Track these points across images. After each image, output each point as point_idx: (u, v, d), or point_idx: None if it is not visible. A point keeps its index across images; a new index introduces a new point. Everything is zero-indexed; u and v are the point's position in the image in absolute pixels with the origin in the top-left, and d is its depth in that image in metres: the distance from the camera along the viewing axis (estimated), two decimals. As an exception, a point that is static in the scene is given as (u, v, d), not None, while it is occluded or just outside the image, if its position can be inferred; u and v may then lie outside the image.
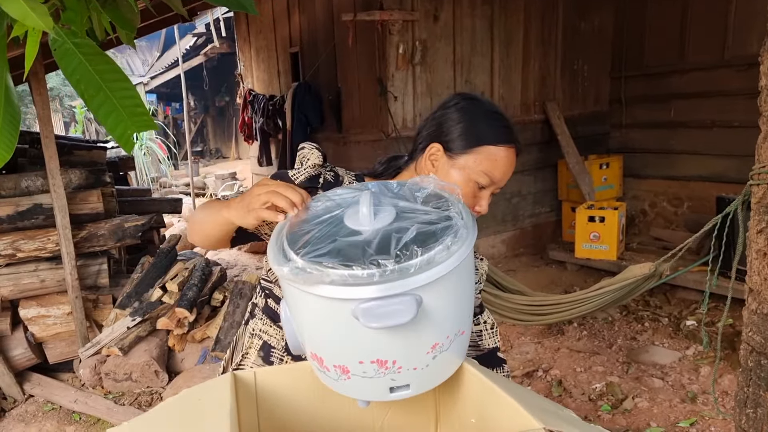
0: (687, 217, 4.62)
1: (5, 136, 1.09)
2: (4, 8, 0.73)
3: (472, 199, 1.08)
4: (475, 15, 4.12)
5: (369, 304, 0.67)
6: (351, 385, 0.77)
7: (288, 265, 0.72)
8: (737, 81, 4.19)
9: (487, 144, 1.06)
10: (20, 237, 3.20)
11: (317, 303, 0.71)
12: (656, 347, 3.14)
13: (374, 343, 0.71)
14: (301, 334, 0.80)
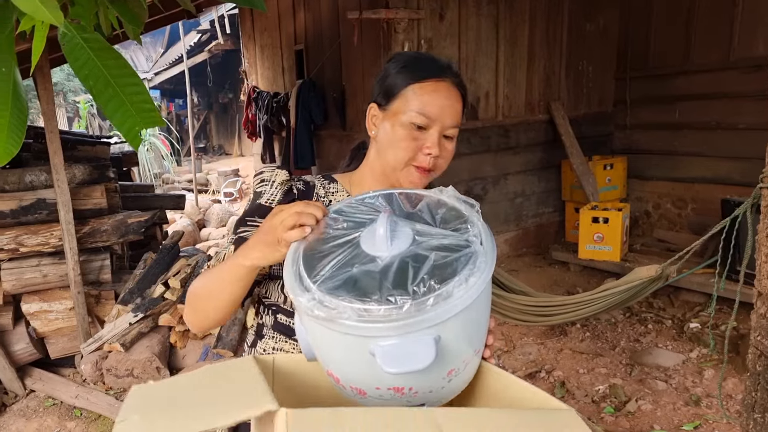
0: (691, 219, 4.61)
1: (13, 131, 1.09)
2: (16, 3, 0.72)
3: (414, 143, 1.02)
4: (481, 14, 4.10)
5: (387, 346, 0.66)
6: (367, 402, 0.77)
7: (305, 296, 0.71)
8: (743, 83, 4.18)
9: (411, 83, 1.02)
10: (23, 232, 3.19)
11: (333, 335, 0.71)
12: (660, 349, 3.13)
13: (391, 376, 0.70)
14: (317, 354, 0.79)
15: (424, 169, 1.03)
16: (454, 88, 1.04)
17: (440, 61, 1.07)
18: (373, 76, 4.08)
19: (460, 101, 1.06)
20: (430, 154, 1.01)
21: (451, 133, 1.05)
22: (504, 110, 4.43)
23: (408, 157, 1.02)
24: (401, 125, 1.02)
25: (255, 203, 1.06)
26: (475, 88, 4.25)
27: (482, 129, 4.31)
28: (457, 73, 1.07)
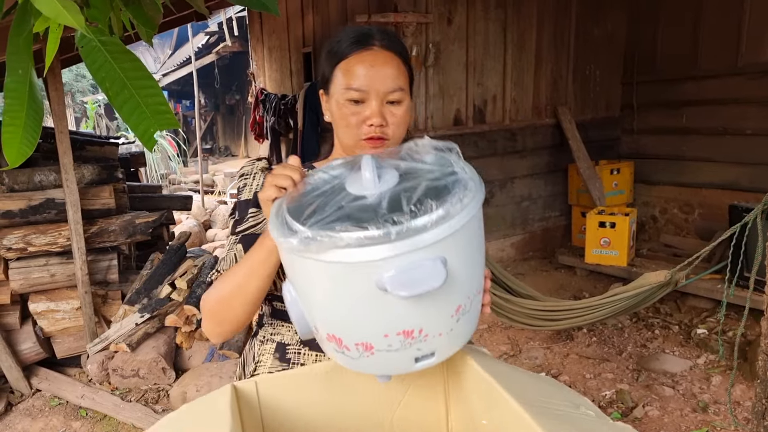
0: (698, 224, 4.59)
1: (28, 132, 1.10)
2: (38, 6, 0.73)
3: (356, 118, 1.01)
4: (489, 18, 4.11)
5: (396, 271, 0.63)
6: (374, 361, 0.73)
7: (296, 237, 0.68)
8: (751, 89, 4.17)
9: (337, 64, 1.03)
10: (32, 231, 3.21)
11: (334, 273, 0.67)
12: (667, 355, 3.12)
13: (401, 313, 0.68)
14: (313, 316, 0.76)
15: (375, 140, 1.02)
16: (382, 52, 1.03)
17: (360, 31, 1.05)
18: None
19: (395, 61, 1.03)
20: (372, 125, 1.01)
21: (396, 97, 1.02)
22: (511, 114, 4.43)
23: (355, 134, 1.03)
24: (340, 105, 1.03)
25: (244, 200, 1.07)
26: (482, 91, 4.25)
27: (489, 132, 4.31)
28: (384, 36, 1.04)
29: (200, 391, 2.88)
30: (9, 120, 1.07)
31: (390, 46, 1.04)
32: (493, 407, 0.80)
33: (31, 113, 1.09)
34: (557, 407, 0.78)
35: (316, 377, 0.91)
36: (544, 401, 0.79)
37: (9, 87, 1.06)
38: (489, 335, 3.47)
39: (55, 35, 0.99)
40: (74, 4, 0.74)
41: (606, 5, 4.75)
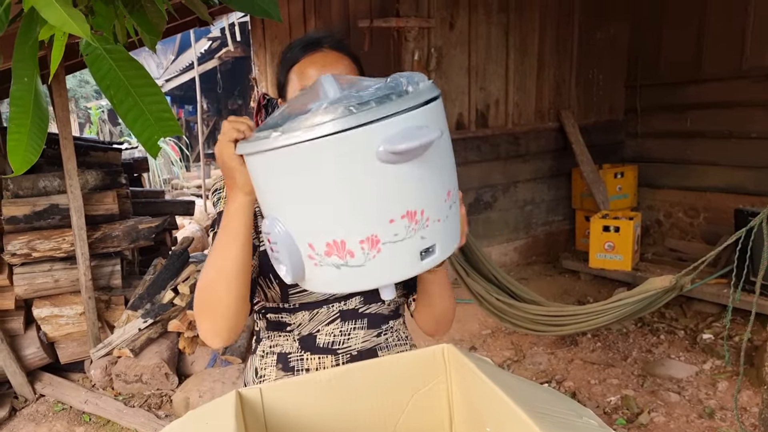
0: (703, 228, 4.57)
1: (33, 140, 1.10)
2: (44, 15, 0.73)
3: None
4: (491, 23, 4.11)
5: (393, 131, 0.64)
6: (380, 262, 0.71)
7: (277, 133, 0.67)
8: (755, 92, 4.15)
9: (291, 67, 1.07)
10: (36, 237, 3.22)
11: (333, 156, 0.65)
12: (672, 360, 3.10)
13: (402, 189, 0.68)
14: (309, 230, 0.72)
15: None
16: (331, 53, 1.06)
17: (311, 36, 1.10)
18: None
19: (345, 61, 1.07)
20: None
21: None
22: (514, 118, 4.43)
23: None
24: None
25: (219, 210, 1.08)
26: (485, 96, 4.25)
27: (492, 137, 4.30)
28: (333, 39, 1.08)
29: (203, 396, 2.88)
30: (14, 127, 1.08)
31: (339, 48, 1.08)
32: (498, 414, 0.79)
33: (36, 121, 1.09)
34: (560, 415, 0.77)
35: (320, 384, 0.90)
36: (548, 409, 0.78)
37: (15, 95, 1.06)
38: (492, 341, 3.46)
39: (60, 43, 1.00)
40: (80, 12, 0.74)
41: (609, 9, 4.74)
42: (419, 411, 0.94)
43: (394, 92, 0.67)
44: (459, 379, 0.93)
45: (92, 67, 0.97)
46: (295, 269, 0.75)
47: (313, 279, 0.76)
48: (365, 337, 1.10)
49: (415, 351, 0.95)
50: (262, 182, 0.76)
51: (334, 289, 0.79)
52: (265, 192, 0.76)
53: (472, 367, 0.87)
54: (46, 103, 1.11)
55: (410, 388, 0.94)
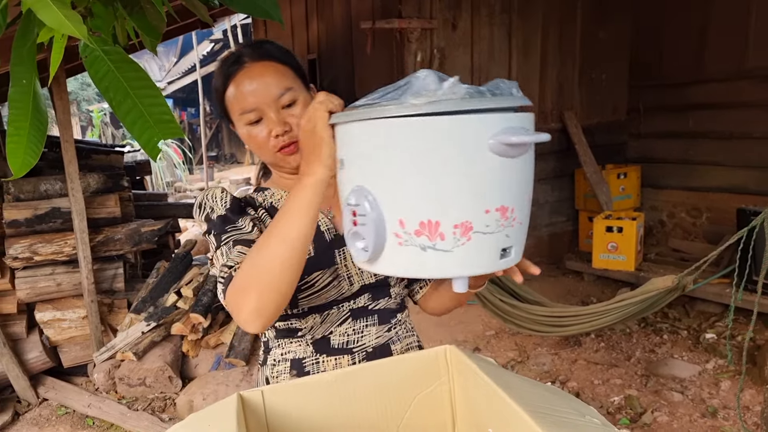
0: (706, 228, 4.55)
1: (32, 143, 1.10)
2: (41, 17, 0.73)
3: (261, 136, 1.02)
4: (494, 23, 4.11)
5: (506, 125, 0.67)
6: (467, 251, 0.71)
7: (394, 102, 0.68)
8: (757, 92, 4.14)
9: (223, 95, 1.05)
10: (38, 240, 3.23)
11: (448, 135, 0.67)
12: (675, 360, 3.09)
13: (501, 182, 0.70)
14: (404, 205, 0.71)
15: (286, 147, 1.02)
16: (255, 64, 1.02)
17: (230, 57, 1.06)
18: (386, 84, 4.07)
19: (271, 67, 1.02)
20: (277, 135, 1.01)
21: (287, 99, 1.01)
22: (516, 119, 4.42)
23: (268, 151, 1.04)
24: (244, 134, 1.05)
25: (218, 215, 1.02)
26: (487, 96, 4.24)
27: (494, 137, 4.29)
28: (253, 49, 1.04)
29: (207, 399, 2.87)
30: (13, 130, 1.07)
31: (261, 56, 1.03)
32: (500, 415, 0.79)
33: (35, 123, 1.09)
34: (563, 415, 0.76)
35: (323, 387, 0.90)
36: (550, 409, 0.77)
37: (13, 97, 1.06)
38: (496, 341, 3.45)
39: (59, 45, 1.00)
40: (77, 14, 0.74)
41: (612, 9, 4.73)
42: (422, 412, 0.94)
43: (503, 93, 0.71)
44: (461, 380, 0.92)
45: (90, 69, 0.97)
46: (377, 246, 0.74)
47: (391, 259, 0.75)
48: (378, 333, 1.10)
49: (418, 352, 0.95)
50: (357, 152, 0.74)
51: (409, 272, 0.76)
52: (360, 162, 0.74)
53: (474, 367, 0.87)
54: (45, 106, 1.11)
55: (413, 390, 0.93)
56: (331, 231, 1.08)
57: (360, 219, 0.74)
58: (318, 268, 1.03)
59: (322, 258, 1.04)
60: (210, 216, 1.04)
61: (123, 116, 1.01)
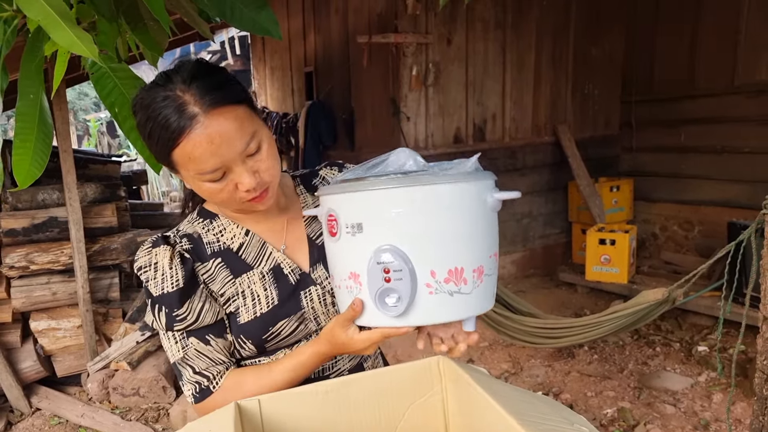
0: (698, 241, 4.60)
1: (38, 155, 1.12)
2: (52, 36, 0.76)
3: (227, 190, 0.90)
4: (488, 39, 4.17)
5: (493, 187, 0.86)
6: (481, 291, 0.85)
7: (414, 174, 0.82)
8: (747, 107, 4.21)
9: (170, 152, 0.86)
10: (34, 249, 3.23)
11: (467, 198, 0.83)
12: (668, 372, 3.11)
13: (494, 231, 0.88)
14: (435, 257, 0.82)
15: (258, 197, 0.93)
16: (213, 119, 0.84)
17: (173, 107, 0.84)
18: (382, 97, 4.17)
19: (229, 114, 0.85)
20: (248, 191, 0.90)
21: (253, 147, 0.89)
22: (511, 132, 4.47)
23: (234, 203, 0.94)
24: (201, 188, 0.92)
25: (162, 294, 0.94)
26: (482, 110, 4.29)
27: (489, 150, 4.35)
28: (198, 91, 0.84)
29: (201, 409, 2.87)
30: (19, 142, 1.10)
31: (214, 103, 0.84)
32: (491, 424, 0.81)
33: (41, 136, 1.11)
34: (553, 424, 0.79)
35: (318, 396, 0.92)
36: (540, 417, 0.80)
37: (20, 111, 1.08)
38: (490, 353, 3.47)
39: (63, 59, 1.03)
40: (87, 34, 0.77)
41: (604, 25, 4.81)
42: (416, 421, 0.96)
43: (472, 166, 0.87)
44: (454, 390, 0.94)
45: (97, 85, 1.00)
46: (411, 297, 0.82)
47: (423, 308, 0.83)
48: (350, 356, 1.09)
49: (411, 363, 0.96)
50: (384, 216, 0.82)
51: (440, 318, 0.85)
52: (388, 225, 0.82)
53: (467, 377, 0.89)
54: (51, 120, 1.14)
55: (406, 400, 0.95)
56: (296, 272, 1.03)
57: (394, 275, 0.81)
58: (283, 317, 1.00)
59: (287, 305, 1.00)
60: (152, 292, 0.95)
61: (127, 132, 1.04)
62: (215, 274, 0.98)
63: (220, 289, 0.98)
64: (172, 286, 0.94)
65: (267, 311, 0.98)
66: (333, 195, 0.86)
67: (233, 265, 1.00)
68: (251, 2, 1.23)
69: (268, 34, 1.37)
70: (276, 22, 1.34)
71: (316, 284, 1.03)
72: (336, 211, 0.85)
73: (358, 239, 0.83)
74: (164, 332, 0.97)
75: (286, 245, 1.04)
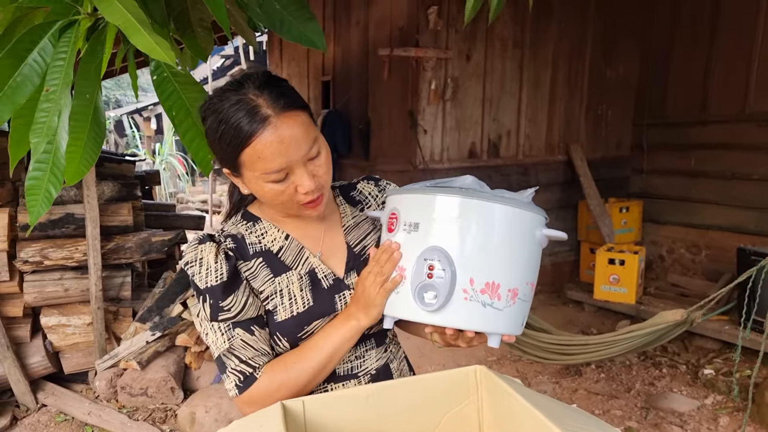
0: (705, 265, 4.63)
1: (87, 153, 1.15)
2: (133, 41, 0.79)
3: (287, 192, 0.96)
4: (506, 57, 4.22)
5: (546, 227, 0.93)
6: (512, 312, 0.91)
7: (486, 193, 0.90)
8: (758, 135, 4.25)
9: (240, 151, 0.92)
10: (49, 245, 3.25)
11: (519, 224, 0.90)
12: (674, 394, 3.12)
13: (536, 263, 0.94)
14: (476, 267, 0.88)
15: (314, 201, 0.98)
16: (283, 120, 0.91)
17: (247, 110, 0.91)
18: (400, 109, 4.22)
19: (297, 119, 0.93)
20: (307, 193, 0.96)
21: (314, 152, 0.96)
22: (525, 149, 4.52)
23: (291, 206, 0.99)
24: (262, 189, 0.96)
25: (208, 287, 0.99)
26: (497, 126, 4.34)
27: (503, 166, 4.39)
28: (271, 97, 0.91)
29: (209, 412, 2.88)
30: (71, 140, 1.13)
31: (285, 107, 0.92)
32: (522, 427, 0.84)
33: (93, 135, 1.15)
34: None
35: (359, 400, 0.94)
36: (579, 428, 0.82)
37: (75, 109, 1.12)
38: (498, 367, 3.48)
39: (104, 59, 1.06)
40: (164, 41, 0.80)
41: (619, 48, 4.87)
42: (451, 429, 0.98)
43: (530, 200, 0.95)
44: (491, 399, 0.96)
45: (158, 89, 1.03)
46: (446, 298, 0.88)
47: (455, 311, 0.90)
48: (377, 355, 1.13)
49: (449, 371, 0.99)
50: (438, 219, 0.90)
51: (468, 325, 0.91)
52: (440, 228, 0.90)
53: (506, 386, 0.91)
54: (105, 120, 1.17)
55: (444, 407, 0.98)
56: (329, 277, 1.07)
57: (437, 273, 0.88)
58: (318, 317, 1.04)
59: (322, 306, 1.05)
60: (198, 285, 1.00)
61: (183, 133, 1.08)
62: (257, 272, 1.03)
63: (260, 287, 1.03)
64: (217, 280, 0.98)
65: (303, 311, 1.03)
66: (399, 195, 0.96)
67: (273, 266, 1.05)
68: (299, 15, 1.27)
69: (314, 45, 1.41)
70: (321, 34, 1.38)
71: (350, 289, 1.07)
72: (399, 209, 0.95)
73: (412, 237, 0.92)
74: (210, 324, 1.01)
75: (322, 251, 1.09)
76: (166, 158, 10.29)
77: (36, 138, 0.85)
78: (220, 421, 2.81)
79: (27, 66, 0.92)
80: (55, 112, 0.85)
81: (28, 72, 0.92)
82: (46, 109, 0.86)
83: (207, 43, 1.40)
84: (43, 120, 0.85)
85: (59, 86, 0.87)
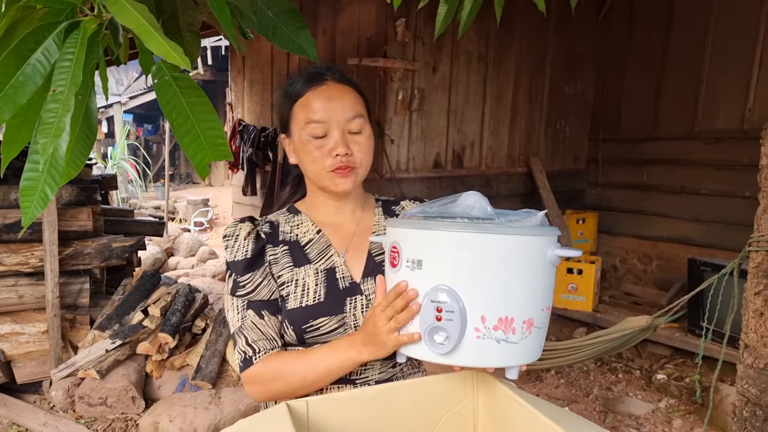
0: (656, 275, 4.85)
1: (76, 155, 1.14)
2: (147, 46, 0.80)
3: (320, 152, 1.05)
4: (471, 70, 4.33)
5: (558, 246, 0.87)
6: (529, 342, 0.86)
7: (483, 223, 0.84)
8: (706, 153, 4.51)
9: (293, 104, 1.09)
10: (3, 250, 3.12)
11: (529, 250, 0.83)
12: (631, 398, 3.26)
13: (550, 286, 0.88)
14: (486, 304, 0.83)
15: (342, 169, 1.05)
16: (336, 85, 1.08)
17: (313, 70, 1.12)
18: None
19: (350, 92, 1.08)
20: (338, 155, 1.04)
21: (356, 125, 1.06)
22: (487, 161, 4.63)
23: (321, 167, 1.06)
24: (303, 143, 1.07)
25: (233, 261, 1.09)
26: (461, 138, 4.43)
27: (466, 177, 4.49)
28: (335, 71, 1.11)
29: (174, 421, 2.82)
30: (61, 142, 1.11)
31: (342, 80, 1.10)
32: (523, 428, 0.88)
33: (83, 137, 1.13)
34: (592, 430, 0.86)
35: (362, 401, 0.96)
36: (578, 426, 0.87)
37: (67, 110, 1.10)
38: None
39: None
40: (177, 45, 0.81)
41: (577, 66, 5.08)
42: (448, 430, 1.02)
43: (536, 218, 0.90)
44: (487, 401, 1.00)
45: (159, 92, 1.03)
46: (458, 339, 0.85)
47: (468, 350, 0.86)
48: (381, 368, 1.13)
49: (448, 374, 1.01)
50: (442, 256, 0.85)
51: (483, 363, 0.88)
52: (446, 265, 0.85)
53: (504, 389, 0.96)
54: (96, 122, 1.16)
55: (442, 408, 1.01)
56: (347, 279, 1.10)
57: (446, 315, 0.85)
58: (325, 314, 1.06)
59: (331, 305, 1.07)
60: (227, 258, 1.10)
61: (181, 137, 1.07)
62: (280, 257, 1.10)
63: (279, 272, 1.08)
64: (242, 255, 1.07)
65: (312, 304, 1.06)
66: (399, 228, 0.91)
67: (296, 255, 1.10)
68: (292, 24, 1.29)
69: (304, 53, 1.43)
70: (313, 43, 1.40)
71: (363, 294, 1.10)
72: (400, 244, 0.90)
73: (416, 275, 0.88)
74: (230, 299, 1.09)
75: (348, 251, 1.13)
76: (119, 162, 10.00)
77: (44, 138, 0.84)
78: (186, 430, 2.76)
79: (30, 66, 0.91)
80: (64, 113, 0.84)
81: (31, 72, 0.91)
82: (54, 109, 0.85)
83: (194, 47, 1.41)
84: (50, 120, 0.84)
85: (67, 86, 0.86)
